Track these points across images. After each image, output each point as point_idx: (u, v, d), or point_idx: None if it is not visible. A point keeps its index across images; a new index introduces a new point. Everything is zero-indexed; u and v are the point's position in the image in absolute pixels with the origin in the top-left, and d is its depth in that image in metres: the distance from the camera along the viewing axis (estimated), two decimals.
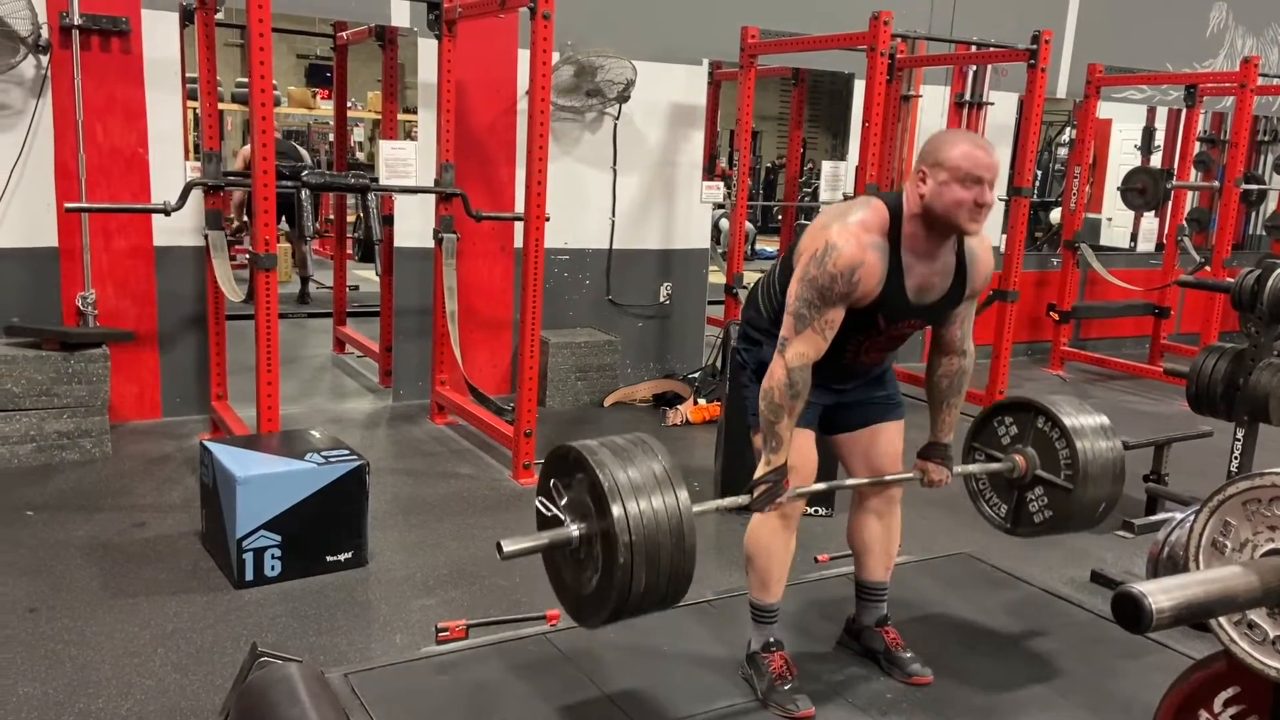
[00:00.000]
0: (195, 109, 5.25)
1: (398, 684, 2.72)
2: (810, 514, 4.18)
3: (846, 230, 2.35)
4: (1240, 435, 3.68)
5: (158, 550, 3.73)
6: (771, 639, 2.71)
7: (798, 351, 2.39)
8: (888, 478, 2.74)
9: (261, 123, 3.91)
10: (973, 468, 2.94)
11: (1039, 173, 10.34)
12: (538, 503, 2.32)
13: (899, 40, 6.26)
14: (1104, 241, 9.76)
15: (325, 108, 11.36)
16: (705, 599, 3.23)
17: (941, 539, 4.01)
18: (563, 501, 2.26)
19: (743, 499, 2.49)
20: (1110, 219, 10.15)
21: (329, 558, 3.59)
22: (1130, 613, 1.13)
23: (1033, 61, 5.46)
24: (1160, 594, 1.14)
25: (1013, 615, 3.20)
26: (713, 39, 6.17)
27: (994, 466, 2.91)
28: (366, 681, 2.71)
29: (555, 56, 5.61)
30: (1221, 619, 1.35)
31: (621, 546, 2.06)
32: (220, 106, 4.63)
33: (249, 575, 3.44)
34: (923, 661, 2.83)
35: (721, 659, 2.84)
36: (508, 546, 2.17)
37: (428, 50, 5.30)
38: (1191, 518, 1.59)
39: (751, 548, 2.70)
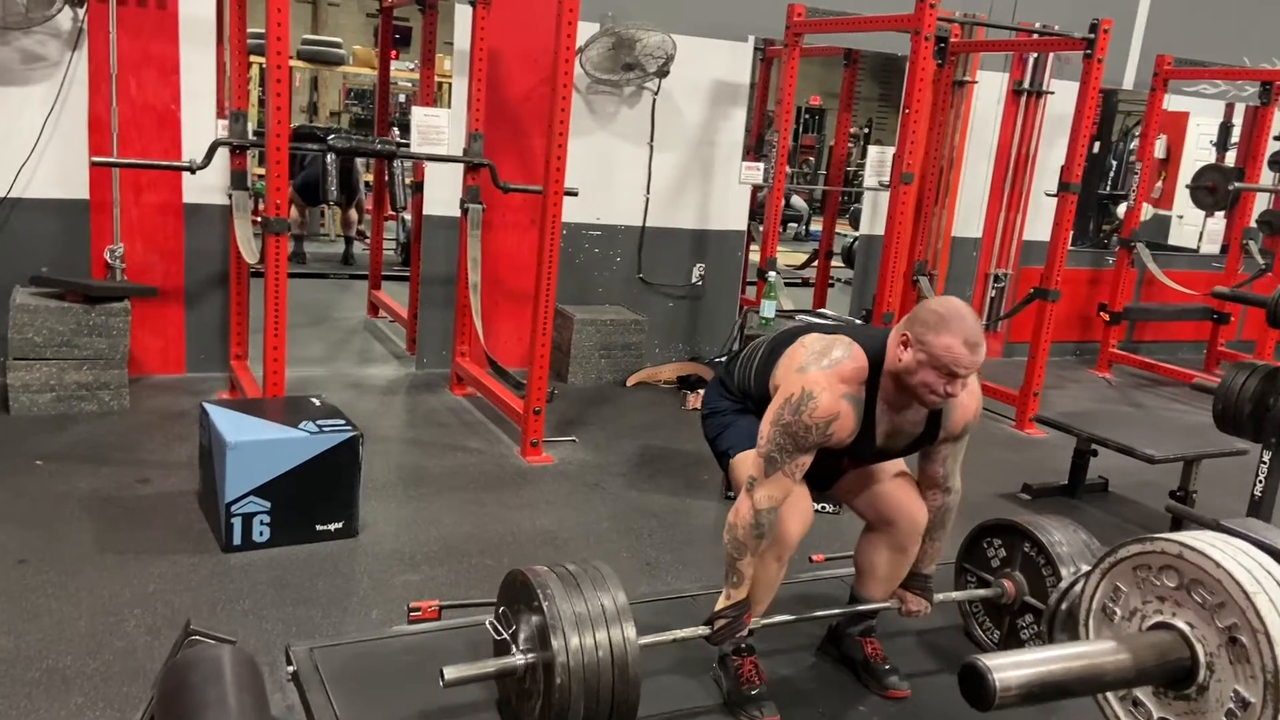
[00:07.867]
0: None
1: (361, 662, 2.70)
2: (816, 510, 4.06)
3: (824, 379, 2.33)
4: (1266, 458, 3.47)
5: (155, 508, 3.76)
6: (744, 643, 2.64)
7: (767, 494, 2.39)
8: (862, 608, 2.76)
9: (276, 84, 3.89)
10: (959, 595, 2.92)
11: (1114, 163, 9.98)
12: (488, 624, 2.36)
13: (954, 24, 6.01)
14: (1173, 240, 9.40)
15: (395, 68, 11.32)
16: (689, 593, 3.17)
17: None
18: (512, 629, 2.27)
19: (702, 630, 2.50)
20: (1181, 217, 9.75)
21: (319, 527, 3.58)
22: (974, 689, 1.02)
23: (1089, 52, 5.20)
24: (1011, 669, 1.03)
25: None
26: (759, 15, 6.00)
27: (981, 593, 2.88)
28: (331, 657, 2.69)
29: (594, 28, 5.53)
30: (1109, 694, 1.24)
31: (560, 673, 2.09)
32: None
33: (237, 540, 3.45)
34: (901, 675, 2.74)
35: (694, 657, 2.77)
36: (449, 674, 2.14)
37: (464, 17, 5.23)
38: (1085, 577, 1.47)
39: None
